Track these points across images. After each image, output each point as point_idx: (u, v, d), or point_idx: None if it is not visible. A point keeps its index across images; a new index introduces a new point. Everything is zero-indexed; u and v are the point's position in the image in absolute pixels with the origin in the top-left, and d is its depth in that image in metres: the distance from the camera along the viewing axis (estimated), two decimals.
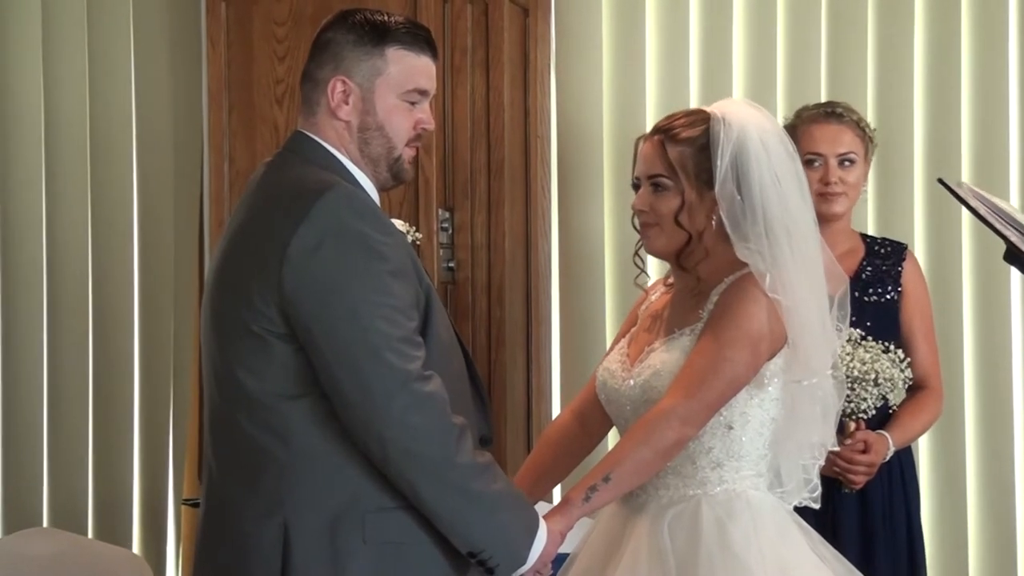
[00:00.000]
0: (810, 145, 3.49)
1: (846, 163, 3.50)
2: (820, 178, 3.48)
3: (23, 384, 4.68)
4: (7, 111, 4.68)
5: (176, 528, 4.65)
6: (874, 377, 3.32)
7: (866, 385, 3.32)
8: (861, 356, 3.33)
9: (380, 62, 2.62)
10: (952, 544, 4.21)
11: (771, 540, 2.75)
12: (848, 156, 3.51)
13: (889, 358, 3.36)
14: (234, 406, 2.54)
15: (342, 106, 2.61)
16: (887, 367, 3.34)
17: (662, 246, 2.85)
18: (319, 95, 2.63)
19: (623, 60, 4.41)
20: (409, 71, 2.63)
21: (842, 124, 3.52)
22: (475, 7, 4.14)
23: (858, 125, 3.54)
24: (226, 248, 2.60)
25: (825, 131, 3.51)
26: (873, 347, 3.36)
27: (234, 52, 4.21)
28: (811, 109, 3.58)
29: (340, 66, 2.61)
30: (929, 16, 4.25)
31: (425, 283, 2.56)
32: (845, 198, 3.51)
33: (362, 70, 2.61)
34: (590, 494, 2.68)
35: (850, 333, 3.34)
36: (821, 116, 3.53)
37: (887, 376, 3.33)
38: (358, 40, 2.61)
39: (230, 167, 4.21)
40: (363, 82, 2.61)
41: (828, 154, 3.50)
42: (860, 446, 3.38)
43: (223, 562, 2.58)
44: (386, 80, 2.62)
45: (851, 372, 3.30)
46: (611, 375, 2.90)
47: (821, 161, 3.49)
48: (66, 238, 4.66)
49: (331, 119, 2.62)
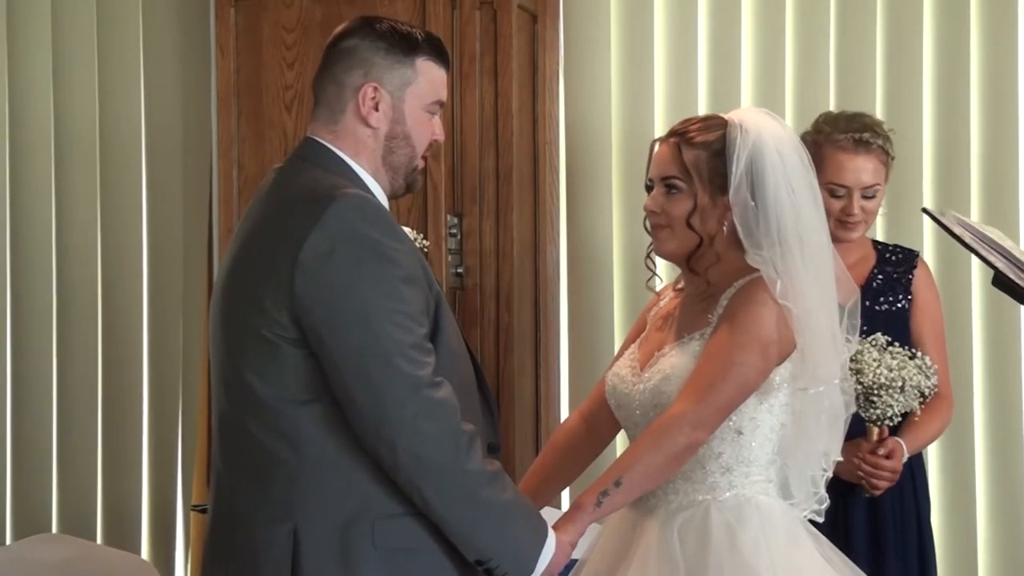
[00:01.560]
0: (835, 175, 3.42)
1: (869, 194, 3.45)
2: (842, 208, 3.43)
3: (32, 390, 4.69)
4: (18, 117, 4.69)
5: (185, 534, 4.66)
6: (901, 384, 3.29)
7: (892, 392, 3.29)
8: (888, 363, 3.29)
9: (410, 72, 2.62)
10: (962, 548, 4.20)
11: (781, 545, 2.75)
12: (873, 188, 3.45)
13: (916, 365, 3.32)
14: (244, 411, 2.54)
15: (372, 113, 2.61)
16: (914, 374, 3.30)
17: (673, 248, 2.85)
18: (345, 101, 2.62)
19: (631, 66, 4.41)
20: (434, 83, 2.65)
21: (869, 154, 3.44)
22: (484, 13, 4.15)
23: (883, 150, 3.46)
24: (236, 253, 2.60)
25: (852, 162, 3.43)
26: (900, 353, 3.32)
27: (243, 58, 4.21)
28: (837, 129, 3.47)
29: (371, 73, 2.61)
30: (938, 22, 4.25)
31: (435, 290, 2.56)
32: (864, 224, 3.48)
33: (393, 79, 2.62)
34: (601, 499, 2.69)
35: (876, 338, 3.33)
36: (849, 145, 3.43)
37: (914, 383, 3.30)
38: (389, 48, 2.61)
39: (239, 173, 4.22)
40: (394, 91, 2.62)
41: (853, 186, 3.43)
42: (886, 451, 3.37)
43: (232, 568, 2.57)
44: (415, 90, 2.63)
45: (878, 379, 3.27)
46: (621, 380, 2.90)
47: (845, 192, 3.43)
48: (76, 244, 4.67)
49: (359, 125, 2.62)
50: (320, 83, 2.66)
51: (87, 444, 4.66)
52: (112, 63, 4.65)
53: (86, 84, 4.65)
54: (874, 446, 3.36)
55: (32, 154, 4.68)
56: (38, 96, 4.67)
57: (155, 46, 4.63)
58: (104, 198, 4.66)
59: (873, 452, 3.35)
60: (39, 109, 4.67)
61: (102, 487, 4.67)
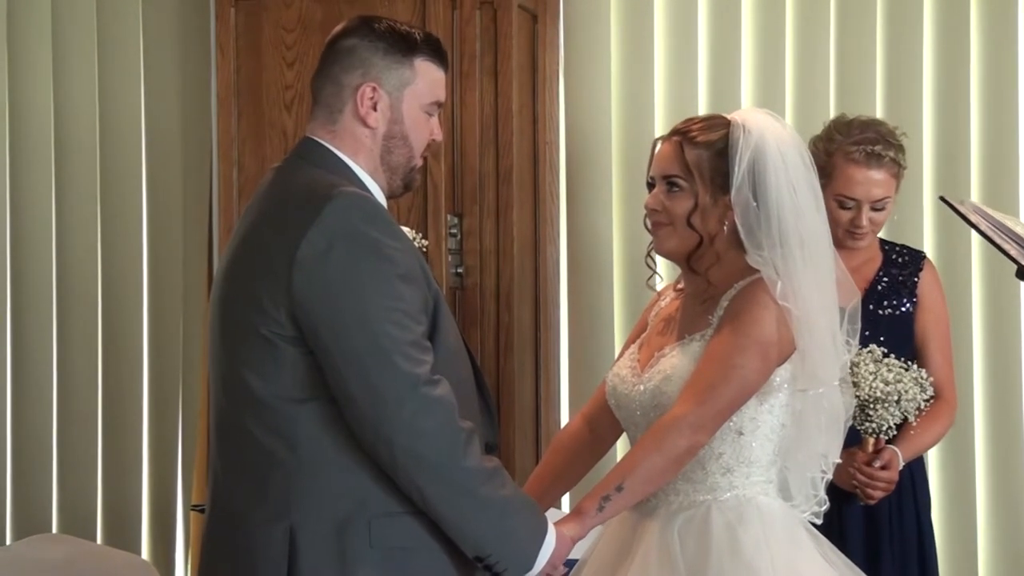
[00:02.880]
0: (846, 188, 3.39)
1: (879, 207, 3.43)
2: (851, 220, 3.41)
3: (32, 389, 4.69)
4: (18, 117, 4.69)
5: (185, 534, 4.66)
6: (897, 398, 3.27)
7: (888, 406, 3.28)
8: (884, 376, 3.27)
9: (409, 72, 2.63)
10: (962, 551, 4.20)
11: (781, 546, 2.75)
12: (883, 201, 3.42)
13: (912, 377, 3.30)
14: (241, 410, 2.54)
15: (371, 113, 2.61)
16: (910, 387, 3.28)
17: (673, 247, 2.85)
18: (344, 100, 2.62)
19: (632, 66, 4.40)
20: (433, 83, 2.66)
21: (880, 168, 3.39)
22: (484, 13, 4.15)
23: (895, 162, 3.41)
24: (235, 252, 2.60)
25: (864, 176, 3.39)
26: (896, 365, 3.30)
27: (243, 58, 4.22)
28: (850, 138, 3.41)
29: (369, 73, 2.61)
30: (938, 21, 4.24)
31: (434, 289, 2.56)
32: (871, 235, 3.47)
33: (391, 79, 2.62)
34: (603, 503, 2.69)
35: (872, 350, 3.32)
36: (862, 158, 3.38)
37: (909, 397, 3.28)
38: (388, 49, 2.61)
39: (239, 173, 4.23)
40: (392, 91, 2.62)
41: (863, 200, 3.40)
42: (883, 463, 3.35)
43: (229, 567, 2.57)
44: (414, 91, 2.63)
45: (874, 392, 3.25)
46: (621, 380, 2.90)
47: (854, 205, 3.41)
48: (75, 244, 4.67)
49: (357, 125, 2.62)
50: (318, 83, 2.66)
51: (87, 444, 4.67)
52: (112, 63, 4.65)
53: (86, 84, 4.65)
54: (870, 457, 3.34)
55: (32, 154, 4.68)
56: (38, 96, 4.67)
57: (155, 46, 4.64)
58: (104, 198, 4.66)
59: (868, 463, 3.34)
60: (39, 109, 4.67)
61: (102, 487, 4.67)
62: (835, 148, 3.42)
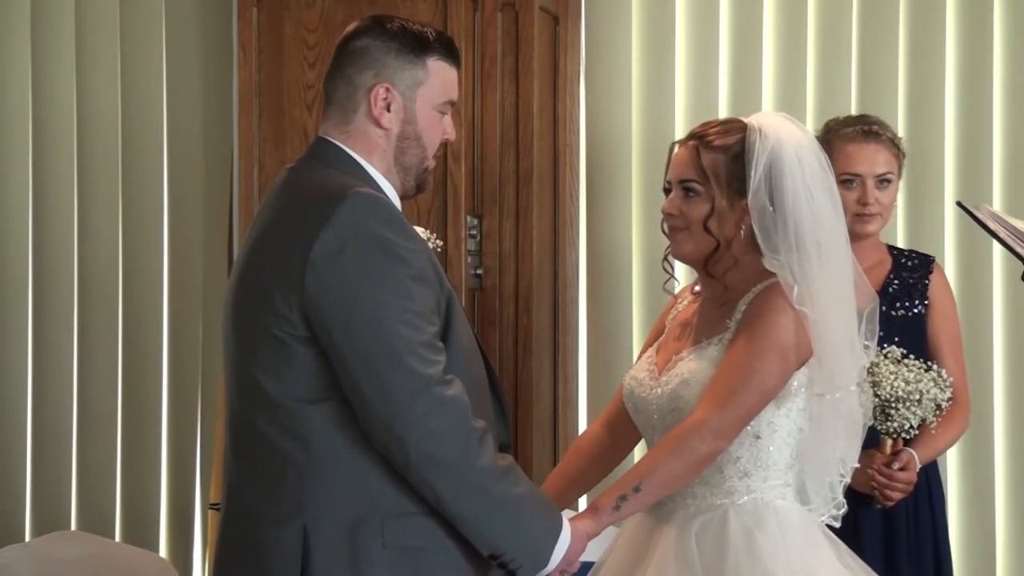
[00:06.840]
0: (847, 165, 3.43)
1: (883, 183, 3.46)
2: (857, 199, 3.43)
3: (52, 388, 4.71)
4: (40, 115, 4.71)
5: (203, 532, 4.67)
6: (918, 398, 3.27)
7: (910, 405, 3.28)
8: (905, 375, 3.27)
9: (422, 72, 2.63)
10: (979, 554, 4.19)
11: (798, 550, 2.75)
12: (885, 176, 3.46)
13: (931, 377, 3.30)
14: (255, 410, 2.54)
15: (384, 113, 2.61)
16: (931, 387, 3.28)
17: (690, 251, 2.85)
18: (357, 101, 2.62)
19: (652, 68, 4.40)
20: (446, 83, 2.65)
21: (879, 143, 3.46)
22: (505, 15, 4.15)
23: (893, 143, 3.49)
24: (248, 252, 2.61)
25: (863, 151, 3.45)
26: (916, 366, 3.31)
27: (265, 58, 4.22)
28: (845, 125, 3.51)
29: (382, 73, 2.61)
30: (961, 28, 4.23)
31: (447, 289, 2.56)
32: (880, 218, 3.48)
33: (404, 79, 2.62)
34: (620, 503, 2.69)
35: (891, 350, 3.32)
36: (859, 135, 3.46)
37: (930, 396, 3.28)
38: (401, 49, 2.61)
39: (260, 172, 4.23)
40: (405, 91, 2.62)
41: (866, 175, 3.45)
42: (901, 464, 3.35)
43: (243, 567, 2.58)
44: (427, 90, 2.63)
45: (895, 392, 3.26)
46: (639, 384, 2.90)
47: (858, 182, 3.44)
48: (97, 243, 4.68)
49: (370, 125, 2.62)
50: (331, 83, 2.65)
51: (107, 442, 4.68)
52: (135, 62, 4.66)
53: (109, 83, 4.66)
54: (888, 458, 3.35)
55: (55, 154, 4.70)
56: (61, 95, 4.69)
57: (177, 45, 4.65)
58: (126, 197, 4.67)
59: (887, 464, 3.35)
60: (62, 108, 4.69)
61: (121, 485, 4.68)
62: (832, 136, 3.48)
